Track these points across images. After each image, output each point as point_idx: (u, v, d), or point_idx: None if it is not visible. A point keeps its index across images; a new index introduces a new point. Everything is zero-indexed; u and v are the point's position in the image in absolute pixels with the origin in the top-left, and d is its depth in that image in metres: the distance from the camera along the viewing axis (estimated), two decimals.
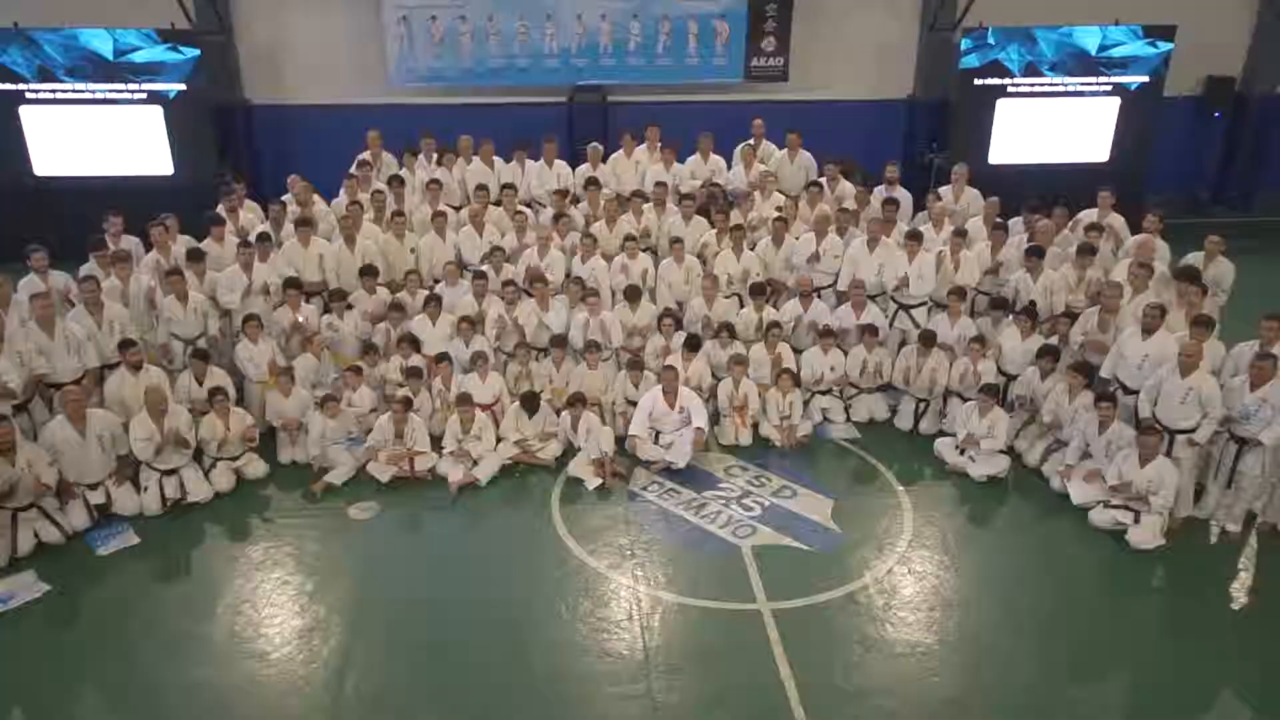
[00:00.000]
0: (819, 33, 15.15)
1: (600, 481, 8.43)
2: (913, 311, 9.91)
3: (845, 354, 9.53)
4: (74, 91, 13.29)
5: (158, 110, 13.48)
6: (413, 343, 9.26)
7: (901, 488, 8.54)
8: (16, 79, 13.10)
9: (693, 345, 9.17)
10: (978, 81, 14.49)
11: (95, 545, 7.62)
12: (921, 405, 9.41)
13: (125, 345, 8.26)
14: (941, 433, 9.21)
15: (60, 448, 7.65)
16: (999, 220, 10.39)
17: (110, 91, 13.34)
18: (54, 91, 13.25)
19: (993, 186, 11.15)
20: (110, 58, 13.14)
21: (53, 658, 6.48)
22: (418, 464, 8.52)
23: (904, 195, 11.07)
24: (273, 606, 6.97)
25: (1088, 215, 10.37)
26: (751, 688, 6.17)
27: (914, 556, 7.54)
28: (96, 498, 7.86)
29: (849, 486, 8.58)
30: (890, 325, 9.95)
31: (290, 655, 6.48)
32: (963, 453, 8.72)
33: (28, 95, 13.22)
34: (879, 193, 11.14)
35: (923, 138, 15.45)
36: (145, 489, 7.99)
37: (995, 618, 6.82)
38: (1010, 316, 9.29)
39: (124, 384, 8.21)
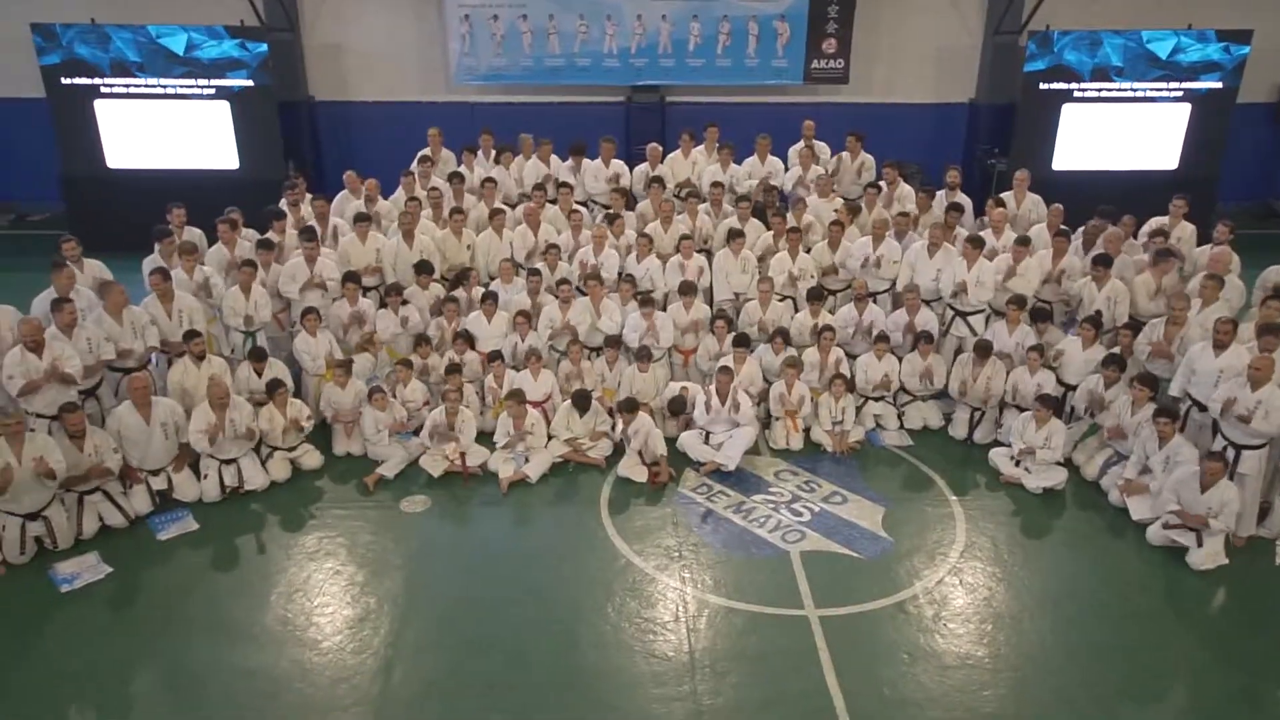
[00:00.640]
0: (881, 35, 15.01)
1: (650, 478, 8.44)
2: (970, 319, 9.76)
3: (900, 360, 9.42)
4: (146, 86, 13.63)
5: (225, 105, 13.78)
6: (467, 339, 9.35)
7: (954, 497, 8.42)
8: (93, 74, 13.48)
9: (741, 342, 9.12)
10: (1043, 86, 14.23)
11: (156, 530, 7.81)
12: (977, 414, 9.27)
13: (190, 335, 8.45)
14: (997, 442, 9.06)
15: (126, 433, 7.86)
16: (1062, 227, 10.19)
17: (180, 87, 13.67)
18: (127, 86, 13.60)
19: (1055, 193, 10.94)
20: (181, 53, 13.46)
21: (112, 638, 6.66)
22: (469, 459, 8.60)
23: (964, 200, 10.91)
24: (325, 596, 7.08)
25: (1156, 223, 10.13)
26: (797, 694, 6.12)
27: (966, 568, 7.43)
28: (158, 483, 8.06)
29: (901, 494, 8.48)
30: (946, 332, 9.81)
31: (341, 644, 6.58)
32: (1018, 464, 8.57)
33: (102, 90, 13.59)
34: (939, 198, 11.00)
35: (984, 142, 15.22)
36: (205, 476, 8.17)
37: (1048, 634, 6.69)
38: (1075, 325, 9.11)
39: (187, 374, 8.40)
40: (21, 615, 6.85)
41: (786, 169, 11.63)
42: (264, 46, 13.56)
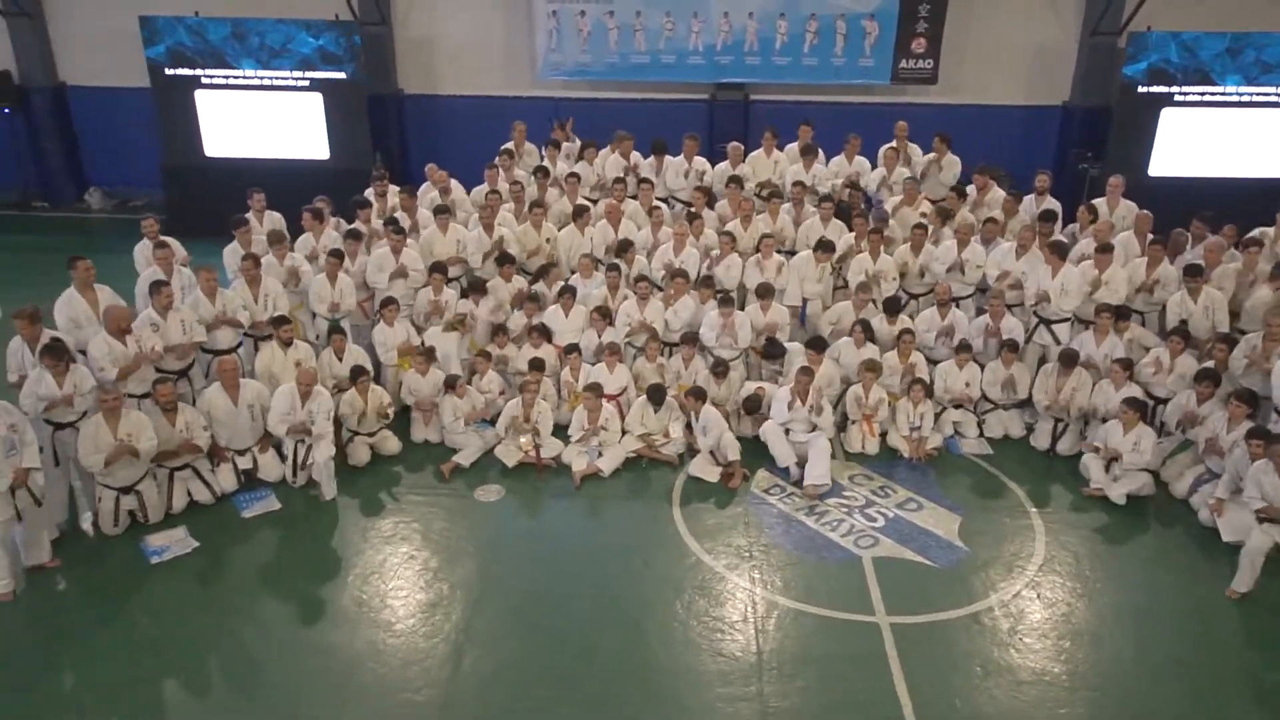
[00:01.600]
0: (972, 35, 14.69)
1: (723, 480, 8.43)
2: (1055, 327, 9.50)
3: (981, 369, 9.21)
4: (243, 78, 14.06)
5: (318, 97, 14.14)
6: (544, 333, 9.43)
7: (1034, 509, 8.21)
8: (194, 65, 13.94)
9: (817, 346, 9.03)
10: (1141, 89, 13.77)
11: (241, 507, 8.06)
12: (1060, 424, 9.02)
13: (280, 321, 8.68)
14: (1082, 454, 8.80)
15: (214, 414, 8.11)
16: (1154, 235, 9.85)
17: (276, 78, 14.05)
18: (226, 77, 14.04)
19: (1151, 200, 10.58)
20: (278, 46, 13.84)
21: (195, 610, 6.89)
22: (543, 452, 8.68)
23: (1055, 206, 10.63)
24: (399, 580, 7.22)
25: (1260, 233, 9.73)
26: (866, 701, 6.05)
27: (1044, 581, 7.24)
28: (244, 463, 8.31)
29: (978, 504, 8.30)
30: (1029, 339, 9.57)
31: (413, 628, 6.70)
32: (1108, 470, 8.31)
33: (203, 80, 14.05)
34: (1027, 202, 10.73)
35: (1077, 146, 14.79)
36: (287, 458, 8.39)
37: (1129, 654, 6.49)
38: (1167, 339, 8.81)
39: (274, 358, 8.63)
40: (113, 584, 7.13)
41: (873, 170, 11.48)
42: (357, 40, 13.86)
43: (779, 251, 10.28)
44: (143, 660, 6.39)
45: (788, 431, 8.66)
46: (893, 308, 9.48)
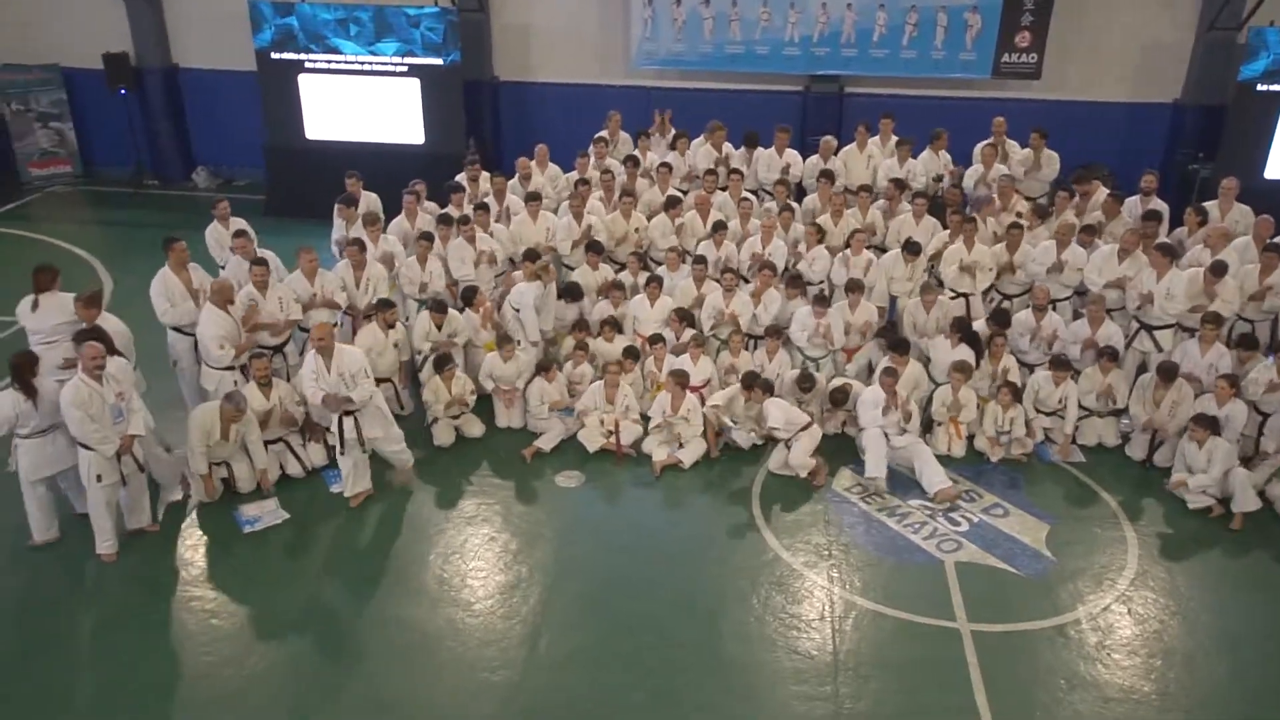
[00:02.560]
0: (1080, 29, 14.17)
1: (811, 476, 8.37)
2: (1157, 333, 9.16)
3: (1076, 377, 8.90)
4: (344, 62, 14.38)
5: (415, 83, 14.37)
6: (615, 326, 9.42)
7: (1127, 521, 7.94)
8: (299, 49, 14.32)
9: (900, 348, 8.85)
10: (1261, 87, 13.14)
11: (330, 482, 8.27)
12: (1158, 434, 8.68)
13: (384, 305, 8.84)
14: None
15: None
16: (1271, 241, 9.41)
17: (375, 64, 14.34)
18: (329, 62, 14.38)
19: (1266, 203, 10.11)
20: (378, 32, 14.11)
21: (284, 581, 7.12)
22: (624, 438, 8.71)
23: (1161, 207, 10.23)
24: (479, 560, 7.35)
25: None
26: (943, 709, 5.95)
27: (1136, 596, 7.01)
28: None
29: (1068, 513, 8.06)
30: (1129, 344, 9.24)
31: (491, 608, 6.81)
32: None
33: (306, 65, 14.41)
34: (1131, 203, 10.36)
35: (1187, 146, 14.19)
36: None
37: (1224, 677, 6.25)
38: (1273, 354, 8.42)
39: (374, 340, 8.77)
40: (207, 551, 7.41)
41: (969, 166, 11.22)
42: (456, 26, 14.06)
43: (869, 248, 10.11)
44: (228, 626, 6.64)
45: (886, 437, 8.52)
46: (999, 320, 9.15)
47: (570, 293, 9.73)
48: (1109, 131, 14.39)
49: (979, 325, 9.22)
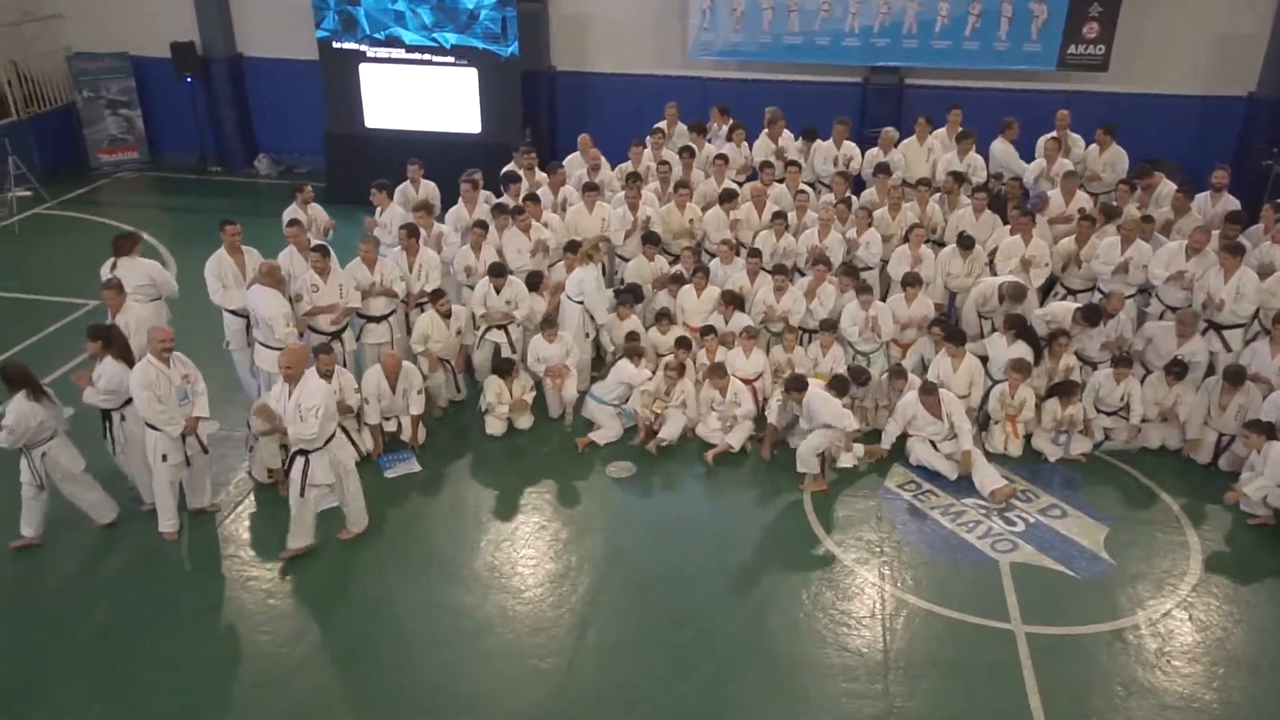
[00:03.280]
0: (1151, 19, 13.80)
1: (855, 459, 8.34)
2: (1225, 333, 8.91)
3: (1140, 382, 8.68)
4: (404, 52, 14.51)
5: (473, 72, 14.45)
6: (669, 318, 9.39)
7: (1190, 525, 7.74)
8: (359, 39, 14.49)
9: (956, 339, 8.72)
10: None
11: (384, 468, 8.39)
12: (1224, 437, 8.46)
13: (437, 295, 8.90)
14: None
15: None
16: None
17: (434, 54, 14.45)
18: (389, 52, 14.52)
19: None
20: (436, 22, 14.22)
21: (339, 564, 7.24)
22: (670, 429, 8.64)
23: (1234, 204, 9.93)
24: (530, 549, 7.40)
25: None
26: (996, 711, 5.88)
27: (1198, 603, 6.84)
28: (389, 426, 8.62)
29: (1127, 515, 7.89)
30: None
31: (541, 596, 6.86)
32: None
33: (367, 54, 14.58)
34: (1201, 200, 10.07)
35: (1264, 141, 13.75)
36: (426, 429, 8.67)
37: None
38: None
39: (433, 326, 8.84)
40: (265, 532, 7.55)
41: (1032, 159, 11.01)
42: (514, 15, 14.11)
43: (928, 242, 9.97)
44: (280, 609, 6.78)
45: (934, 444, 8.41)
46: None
47: (632, 293, 9.70)
48: (1179, 125, 14.01)
49: (1036, 321, 9.05)
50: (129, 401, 7.17)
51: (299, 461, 7.04)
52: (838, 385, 8.34)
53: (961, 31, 13.98)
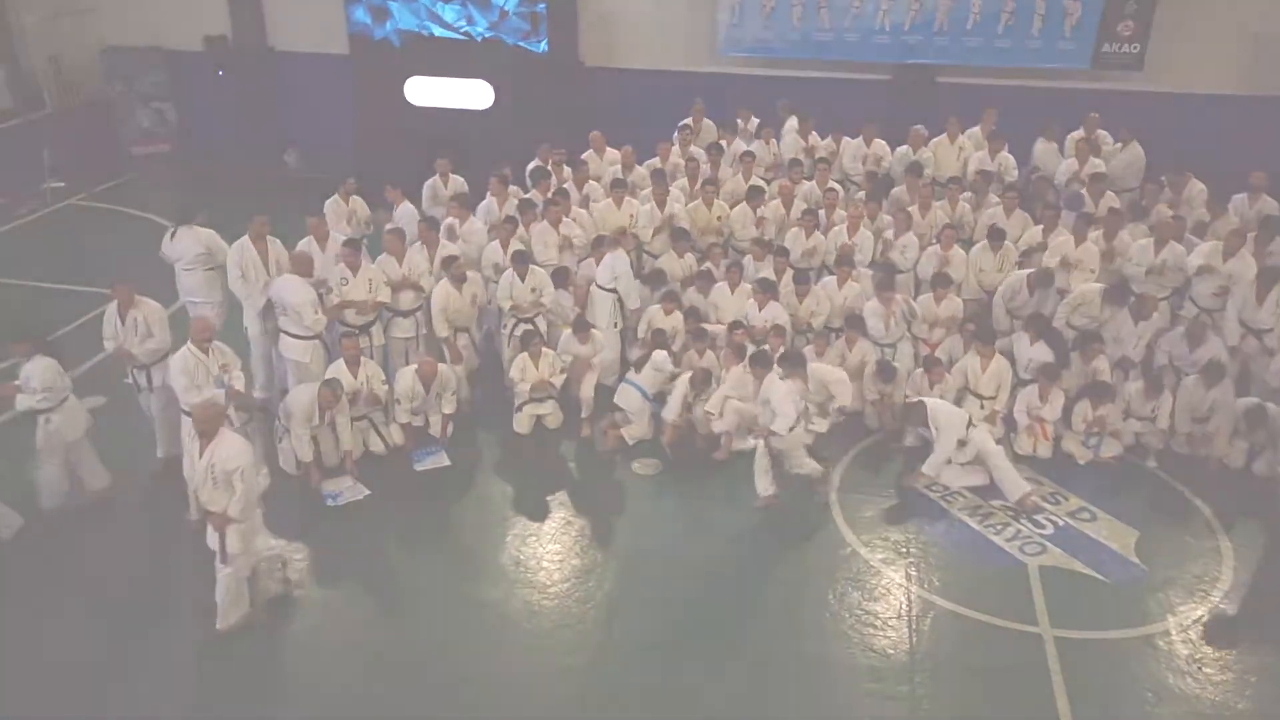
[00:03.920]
0: (1189, 16, 13.60)
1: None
2: (1265, 338, 8.78)
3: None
4: (435, 46, 14.55)
5: (503, 67, 14.45)
6: (696, 317, 9.35)
7: (1223, 531, 7.64)
8: (390, 34, 14.54)
9: (986, 337, 8.64)
10: None
11: (414, 461, 8.44)
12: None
13: (449, 261, 8.99)
14: None
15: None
16: None
17: (465, 49, 14.48)
18: (419, 46, 14.57)
19: None
20: (464, 19, 14.26)
21: (365, 557, 7.29)
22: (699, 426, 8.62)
23: (1272, 206, 9.80)
24: (556, 544, 7.41)
25: None
26: (1023, 714, 5.86)
27: (1230, 610, 6.75)
28: (418, 420, 8.65)
29: (1158, 519, 7.80)
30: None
31: (567, 591, 6.87)
32: None
33: (398, 49, 14.62)
34: (1238, 201, 9.94)
35: None
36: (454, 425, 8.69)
37: None
38: None
39: (449, 297, 8.89)
40: (293, 522, 7.58)
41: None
42: (544, 11, 14.14)
43: (958, 241, 9.89)
44: (307, 598, 6.83)
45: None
46: (1089, 341, 8.71)
47: (655, 280, 9.69)
48: (1215, 125, 13.81)
49: (1064, 310, 8.98)
50: (65, 400, 7.34)
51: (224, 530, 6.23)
52: (790, 361, 8.12)
53: (994, 29, 13.85)
